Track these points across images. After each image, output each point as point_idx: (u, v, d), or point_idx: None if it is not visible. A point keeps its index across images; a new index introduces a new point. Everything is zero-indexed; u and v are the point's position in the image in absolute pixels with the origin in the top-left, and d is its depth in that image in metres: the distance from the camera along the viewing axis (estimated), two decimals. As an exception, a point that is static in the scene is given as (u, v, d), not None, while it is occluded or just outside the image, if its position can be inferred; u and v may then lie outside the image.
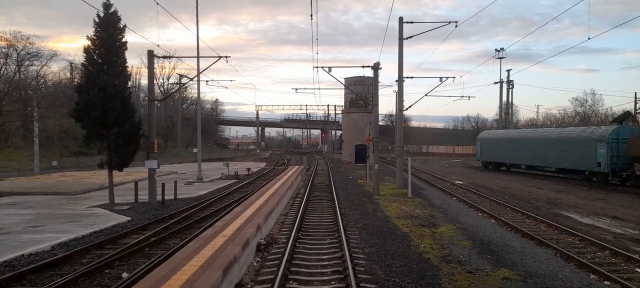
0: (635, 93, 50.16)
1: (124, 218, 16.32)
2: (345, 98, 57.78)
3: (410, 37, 27.04)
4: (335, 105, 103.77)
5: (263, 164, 55.50)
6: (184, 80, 57.23)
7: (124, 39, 19.16)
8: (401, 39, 26.17)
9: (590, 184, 28.70)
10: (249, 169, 40.05)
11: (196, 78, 33.77)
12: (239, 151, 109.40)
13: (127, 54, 19.53)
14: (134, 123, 19.53)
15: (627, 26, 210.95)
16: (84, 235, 13.48)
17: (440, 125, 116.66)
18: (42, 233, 13.82)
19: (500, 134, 45.02)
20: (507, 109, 59.29)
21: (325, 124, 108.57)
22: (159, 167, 21.66)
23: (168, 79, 79.59)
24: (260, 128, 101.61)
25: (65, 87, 62.91)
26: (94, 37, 18.61)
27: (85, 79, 18.77)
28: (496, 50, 55.36)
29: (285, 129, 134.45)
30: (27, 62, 54.83)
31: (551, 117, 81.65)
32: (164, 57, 24.96)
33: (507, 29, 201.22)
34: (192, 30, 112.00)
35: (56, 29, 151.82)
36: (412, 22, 26.94)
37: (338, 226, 13.77)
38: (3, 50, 51.38)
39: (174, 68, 77.50)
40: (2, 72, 52.52)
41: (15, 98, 51.68)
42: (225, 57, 23.91)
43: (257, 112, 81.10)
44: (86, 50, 18.69)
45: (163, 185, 20.86)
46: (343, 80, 50.02)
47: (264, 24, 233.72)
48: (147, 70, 22.52)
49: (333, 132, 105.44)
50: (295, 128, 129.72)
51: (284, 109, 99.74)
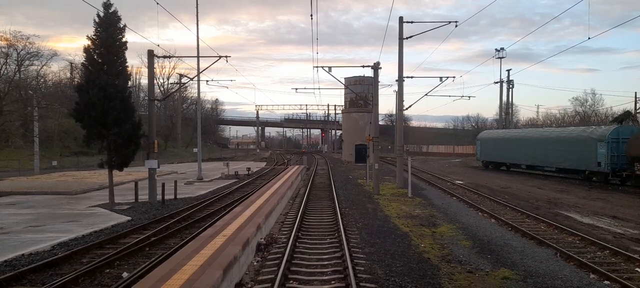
0: (636, 93, 50.23)
1: (124, 218, 16.33)
2: (345, 98, 57.79)
3: (410, 36, 27.06)
4: (335, 105, 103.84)
5: (263, 164, 55.52)
6: (184, 80, 57.31)
7: (124, 39, 19.17)
8: (401, 38, 26.17)
9: (590, 184, 28.70)
10: (249, 169, 40.05)
11: (196, 78, 33.81)
12: (239, 151, 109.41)
13: (127, 54, 19.56)
14: (134, 123, 19.53)
15: (627, 26, 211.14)
16: (84, 234, 13.48)
17: (440, 125, 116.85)
18: (43, 232, 13.83)
19: (500, 133, 45.02)
20: (507, 109, 59.29)
21: (325, 123, 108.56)
22: (159, 167, 21.66)
23: (168, 79, 79.62)
24: (260, 128, 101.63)
25: (65, 86, 62.98)
26: (94, 36, 18.62)
27: (86, 79, 18.78)
28: (496, 50, 55.43)
29: (285, 129, 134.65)
30: (27, 62, 54.96)
31: (551, 117, 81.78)
32: (164, 56, 24.99)
33: (507, 28, 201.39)
34: (192, 30, 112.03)
35: (56, 28, 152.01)
36: (412, 22, 26.96)
37: (338, 226, 13.77)
38: (3, 50, 51.49)
39: (174, 68, 77.58)
40: (2, 71, 52.58)
41: (15, 98, 51.70)
42: (225, 56, 23.95)
43: (257, 111, 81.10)
44: (86, 50, 18.69)
45: (163, 184, 20.87)
46: (343, 80, 50.04)
47: (264, 23, 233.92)
48: (147, 70, 22.53)
49: (333, 131, 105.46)
50: (295, 128, 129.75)
51: (284, 109, 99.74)
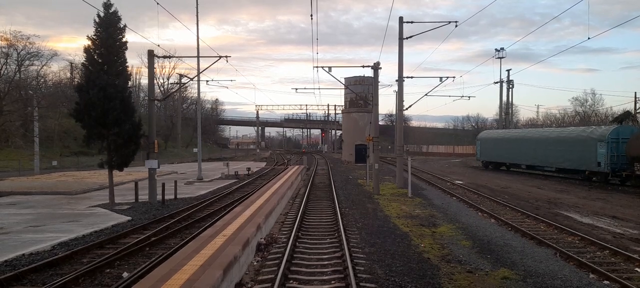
0: (635, 93, 50.26)
1: (124, 218, 16.34)
2: (345, 98, 57.79)
3: (410, 37, 27.07)
4: (335, 105, 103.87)
5: (263, 164, 55.52)
6: (184, 80, 57.31)
7: (124, 39, 19.18)
8: (401, 38, 26.18)
9: (590, 184, 28.71)
10: (249, 169, 40.06)
11: (196, 78, 33.82)
12: (239, 151, 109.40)
13: (127, 54, 19.58)
14: (134, 123, 19.54)
15: (627, 26, 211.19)
16: (85, 234, 13.50)
17: (440, 125, 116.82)
18: (43, 232, 13.84)
19: (500, 133, 45.03)
20: (507, 109, 59.30)
21: (325, 123, 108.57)
22: (159, 167, 21.67)
23: (168, 79, 79.64)
24: (260, 128, 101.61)
25: (66, 86, 62.95)
26: (94, 37, 18.63)
27: (86, 79, 18.78)
28: (496, 50, 55.42)
29: (285, 129, 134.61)
30: (27, 62, 54.96)
31: (551, 117, 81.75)
32: (164, 57, 24.99)
33: (507, 28, 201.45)
34: (192, 30, 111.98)
35: (56, 28, 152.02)
36: (412, 22, 26.97)
37: (338, 226, 13.78)
38: (3, 50, 51.50)
39: (174, 68, 77.59)
40: (2, 72, 52.59)
41: (15, 98, 51.72)
42: (226, 57, 23.94)
43: (257, 111, 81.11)
44: (86, 50, 18.70)
45: (163, 185, 20.88)
46: (343, 80, 50.05)
47: (264, 23, 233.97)
48: (147, 70, 22.54)
49: (333, 131, 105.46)
50: (295, 128, 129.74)
51: (284, 109, 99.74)
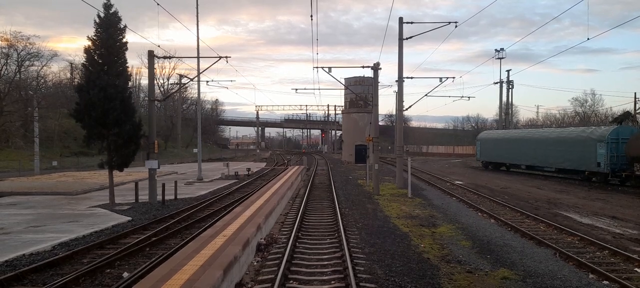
0: (635, 93, 50.23)
1: (125, 218, 16.35)
2: (345, 98, 57.81)
3: (410, 37, 27.09)
4: (335, 106, 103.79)
5: (263, 164, 55.53)
6: (184, 80, 57.48)
7: (124, 40, 19.20)
8: (401, 39, 26.21)
9: (589, 184, 28.73)
10: (249, 169, 40.07)
11: (196, 78, 33.84)
12: (239, 151, 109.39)
13: (127, 54, 19.59)
14: (134, 123, 19.57)
15: (627, 26, 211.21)
16: (85, 235, 13.52)
17: (440, 125, 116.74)
18: (43, 233, 13.86)
19: (500, 134, 45.04)
20: (507, 109, 59.32)
21: (325, 124, 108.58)
22: (159, 167, 21.68)
23: (168, 79, 79.76)
24: (260, 128, 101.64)
25: (66, 87, 63.01)
26: (94, 37, 18.65)
27: (86, 79, 18.80)
28: (496, 50, 55.45)
29: (285, 129, 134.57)
30: (27, 63, 55.00)
31: (551, 117, 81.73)
32: (164, 57, 25.00)
33: (507, 29, 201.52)
34: (192, 30, 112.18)
35: (56, 29, 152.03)
36: (412, 23, 27.00)
37: (338, 226, 13.80)
38: (4, 50, 51.55)
39: (174, 68, 77.63)
40: (2, 72, 52.62)
41: (15, 98, 51.75)
42: (226, 57, 23.93)
43: (257, 112, 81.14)
44: (87, 50, 18.72)
45: (163, 185, 20.89)
46: (343, 81, 50.05)
47: (264, 24, 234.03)
48: (147, 70, 22.56)
49: (333, 132, 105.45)
50: (295, 128, 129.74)
51: (284, 109, 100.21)
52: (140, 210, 18.29)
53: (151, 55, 21.74)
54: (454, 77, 30.23)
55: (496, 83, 56.80)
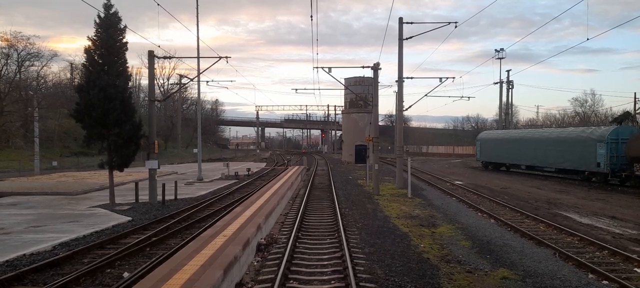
0: (635, 93, 50.22)
1: (125, 219, 16.37)
2: (345, 98, 57.83)
3: (410, 37, 27.10)
4: (335, 106, 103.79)
5: (263, 164, 55.55)
6: (184, 80, 57.46)
7: (124, 40, 19.21)
8: (401, 39, 26.23)
9: (589, 184, 28.74)
10: (249, 169, 40.09)
11: (196, 78, 33.85)
12: (239, 151, 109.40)
13: (127, 54, 19.60)
14: (134, 123, 19.58)
15: (627, 26, 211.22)
16: (85, 235, 13.53)
17: (440, 125, 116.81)
18: (43, 233, 13.88)
19: (500, 134, 45.06)
20: (507, 109, 59.33)
21: (325, 124, 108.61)
22: (159, 168, 21.70)
23: (168, 79, 79.76)
24: (260, 128, 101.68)
25: (66, 87, 63.04)
26: (94, 37, 18.67)
27: (86, 80, 18.82)
28: (496, 50, 55.43)
29: (285, 129, 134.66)
30: (27, 63, 55.05)
31: (551, 118, 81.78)
32: (164, 57, 25.03)
33: (507, 29, 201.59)
34: (192, 31, 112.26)
35: (55, 29, 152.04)
36: (412, 23, 27.01)
37: (338, 226, 13.81)
38: (4, 50, 51.58)
39: (174, 68, 77.64)
40: (2, 72, 52.64)
41: (15, 98, 51.80)
42: (226, 57, 23.94)
43: (257, 112, 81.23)
44: (87, 50, 18.74)
45: (163, 185, 20.91)
46: (343, 81, 50.08)
47: (264, 24, 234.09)
48: (147, 70, 22.59)
49: (333, 132, 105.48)
50: (295, 128, 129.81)
51: (284, 109, 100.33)
52: (140, 210, 18.31)
53: (151, 56, 21.76)
54: (454, 77, 30.66)
55: (496, 83, 56.86)
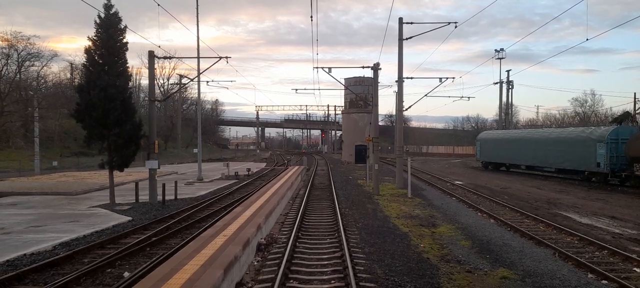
0: (635, 93, 50.26)
1: (125, 218, 16.39)
2: (345, 98, 57.85)
3: (410, 37, 27.12)
4: (335, 106, 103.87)
5: (263, 164, 55.57)
6: (184, 80, 57.50)
7: (124, 40, 19.23)
8: (401, 39, 26.24)
9: (589, 184, 28.76)
10: (249, 169, 40.11)
11: (196, 78, 33.88)
12: (239, 151, 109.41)
13: (128, 54, 19.63)
14: (134, 123, 19.60)
15: (627, 26, 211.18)
16: (85, 234, 13.55)
17: (440, 125, 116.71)
18: (44, 233, 13.89)
19: (500, 134, 45.09)
20: (506, 109, 59.34)
21: (325, 124, 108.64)
22: (159, 167, 21.72)
23: (168, 79, 79.73)
24: (260, 128, 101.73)
25: (66, 87, 63.06)
26: (95, 37, 18.68)
27: (86, 80, 18.84)
28: (496, 50, 55.47)
29: (285, 129, 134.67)
30: (27, 63, 55.09)
31: (551, 118, 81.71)
32: (165, 57, 25.05)
33: (507, 29, 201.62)
34: (192, 31, 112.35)
35: (55, 29, 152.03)
36: (411, 23, 27.02)
37: (338, 226, 13.83)
38: (4, 50, 51.61)
39: (174, 68, 77.59)
40: (3, 72, 52.66)
41: (16, 98, 51.87)
42: (226, 57, 23.94)
43: (257, 112, 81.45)
44: (87, 50, 18.76)
45: (163, 185, 20.93)
46: (343, 81, 50.09)
47: (264, 24, 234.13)
48: (147, 70, 22.60)
49: (333, 132, 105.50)
50: (295, 128, 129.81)
51: (284, 109, 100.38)
52: (140, 210, 18.33)
53: (151, 56, 21.78)
54: (453, 77, 30.78)
55: (496, 83, 56.88)
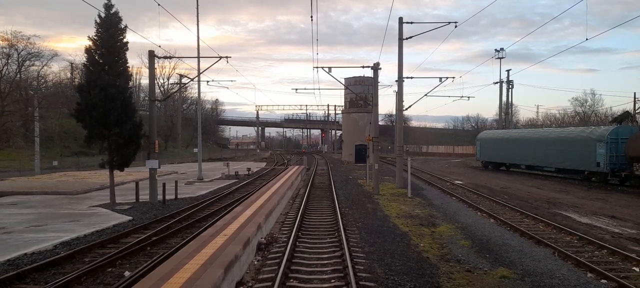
0: (635, 93, 50.37)
1: (125, 218, 16.41)
2: (345, 98, 57.86)
3: (410, 37, 27.15)
4: (335, 105, 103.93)
5: (263, 164, 55.58)
6: (184, 80, 57.48)
7: (125, 40, 19.24)
8: (401, 39, 26.26)
9: (589, 184, 28.78)
10: (249, 169, 40.13)
11: (196, 78, 33.91)
12: (239, 151, 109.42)
13: (128, 54, 19.64)
14: (135, 123, 19.62)
15: (627, 26, 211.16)
16: (86, 234, 13.58)
17: (440, 125, 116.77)
18: (44, 232, 13.92)
19: (500, 134, 45.10)
20: (506, 109, 59.36)
21: (325, 124, 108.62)
22: (159, 167, 21.74)
23: (168, 79, 79.77)
24: (260, 128, 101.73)
25: (66, 87, 63.07)
26: (95, 37, 18.70)
27: (87, 79, 18.86)
28: (496, 50, 55.49)
29: (285, 129, 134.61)
30: (27, 63, 55.09)
31: (551, 117, 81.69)
32: (165, 57, 25.08)
33: (507, 29, 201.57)
34: (192, 30, 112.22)
35: (55, 29, 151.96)
36: (411, 23, 27.06)
37: (338, 225, 13.85)
38: (4, 50, 51.63)
39: (174, 68, 77.61)
40: (3, 72, 52.68)
41: (16, 98, 51.89)
42: (226, 57, 23.94)
43: (257, 112, 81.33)
44: (87, 50, 18.77)
45: (164, 184, 20.95)
46: (343, 81, 50.10)
47: (264, 23, 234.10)
48: (147, 70, 22.62)
49: (333, 132, 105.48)
50: (295, 128, 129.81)
51: (284, 109, 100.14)
52: (141, 210, 18.35)
53: (152, 55, 21.80)
54: (453, 77, 30.50)
55: (496, 83, 56.91)
